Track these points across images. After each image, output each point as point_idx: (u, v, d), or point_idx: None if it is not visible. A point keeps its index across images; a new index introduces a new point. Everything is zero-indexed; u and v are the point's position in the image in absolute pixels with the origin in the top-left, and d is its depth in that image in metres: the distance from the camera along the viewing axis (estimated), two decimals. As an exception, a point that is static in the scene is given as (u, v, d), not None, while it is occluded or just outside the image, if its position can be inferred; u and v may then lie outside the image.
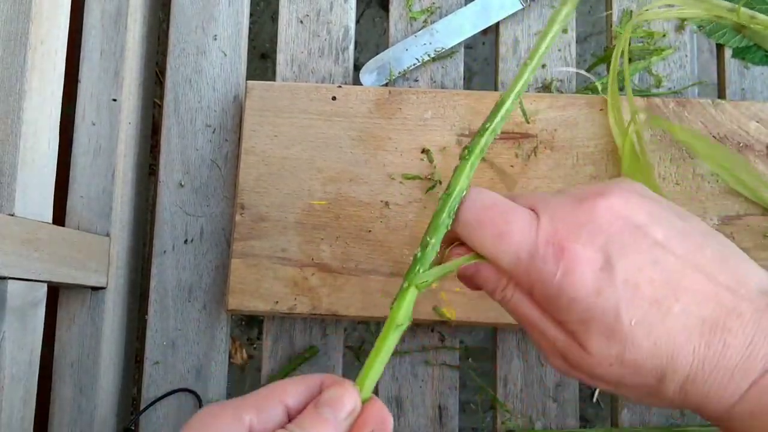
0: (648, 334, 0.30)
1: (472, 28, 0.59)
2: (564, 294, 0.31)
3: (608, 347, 0.31)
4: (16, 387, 0.46)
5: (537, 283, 0.32)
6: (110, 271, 0.57)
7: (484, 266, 0.35)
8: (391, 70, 0.59)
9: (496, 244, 0.33)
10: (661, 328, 0.30)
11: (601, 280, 0.30)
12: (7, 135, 0.47)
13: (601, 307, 0.30)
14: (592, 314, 0.30)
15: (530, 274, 0.32)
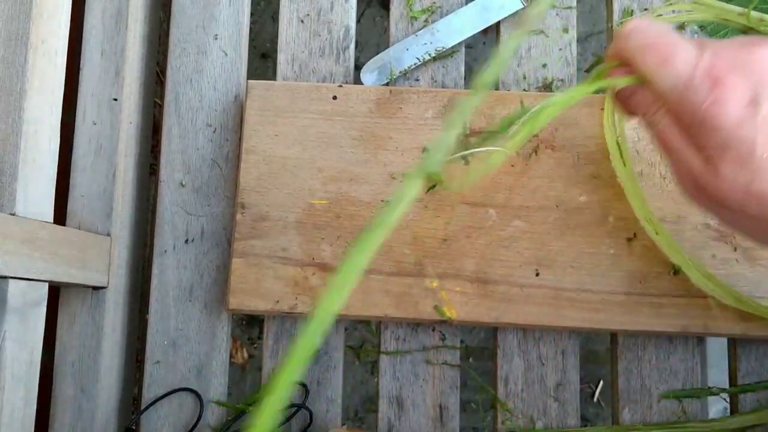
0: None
1: (473, 28, 0.59)
2: (708, 121, 0.34)
3: (739, 174, 0.34)
4: (17, 386, 0.46)
5: (687, 108, 0.35)
6: (111, 271, 0.57)
7: (641, 89, 0.38)
8: (391, 69, 0.59)
9: (660, 68, 0.36)
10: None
11: (745, 113, 0.33)
12: (8, 134, 0.47)
13: (739, 137, 0.33)
14: (730, 143, 0.34)
15: (684, 98, 0.35)
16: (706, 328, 0.52)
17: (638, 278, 0.53)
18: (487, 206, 0.54)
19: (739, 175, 0.34)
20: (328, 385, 0.56)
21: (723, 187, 0.35)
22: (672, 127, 0.37)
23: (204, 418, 0.55)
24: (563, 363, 0.55)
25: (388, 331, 0.56)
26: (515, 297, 0.53)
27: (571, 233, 0.53)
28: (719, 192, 0.35)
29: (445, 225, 0.54)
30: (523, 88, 0.59)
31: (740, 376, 0.55)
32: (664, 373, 0.55)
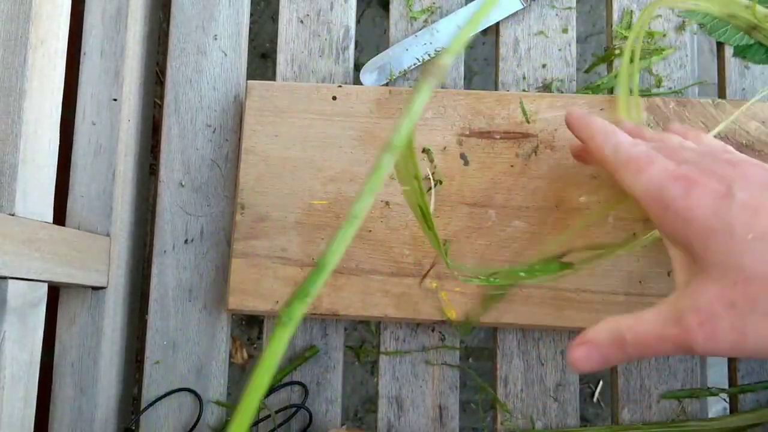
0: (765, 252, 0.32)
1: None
2: (680, 217, 0.34)
3: (729, 264, 0.32)
4: (16, 387, 0.46)
5: (656, 208, 0.36)
6: (111, 271, 0.57)
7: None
8: (391, 70, 0.59)
9: (636, 177, 0.38)
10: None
11: (721, 204, 0.33)
12: (8, 135, 0.47)
13: (716, 226, 0.33)
14: (708, 234, 0.33)
15: (650, 200, 0.36)
16: (705, 328, 0.52)
17: (638, 278, 0.53)
18: (487, 207, 0.54)
19: (727, 255, 0.33)
20: (328, 385, 0.56)
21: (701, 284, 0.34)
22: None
23: (204, 418, 0.55)
24: (563, 363, 0.55)
25: (388, 331, 0.56)
26: (515, 297, 0.53)
27: (571, 233, 0.53)
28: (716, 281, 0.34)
29: (445, 225, 0.54)
30: (522, 88, 0.59)
31: (740, 377, 0.55)
32: (664, 373, 0.55)
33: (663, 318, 0.34)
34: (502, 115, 0.55)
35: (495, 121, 0.55)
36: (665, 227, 0.36)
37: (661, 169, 0.37)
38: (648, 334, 0.35)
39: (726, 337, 0.32)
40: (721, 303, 0.32)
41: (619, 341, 0.36)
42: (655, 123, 0.55)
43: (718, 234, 0.33)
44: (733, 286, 0.32)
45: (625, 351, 0.36)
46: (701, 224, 0.33)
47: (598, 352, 0.37)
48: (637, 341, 0.35)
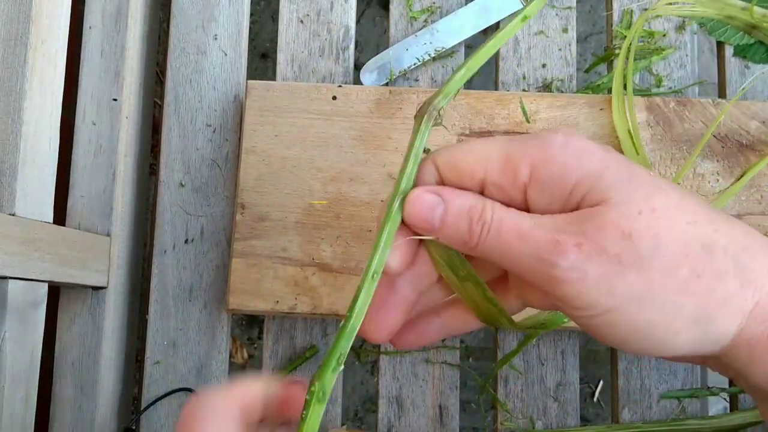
0: (672, 189, 0.28)
1: (473, 28, 0.59)
2: (571, 149, 0.27)
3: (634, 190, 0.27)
4: (16, 387, 0.46)
5: (538, 152, 0.28)
6: (111, 271, 0.57)
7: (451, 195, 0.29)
8: (391, 69, 0.59)
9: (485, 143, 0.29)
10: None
11: (608, 158, 0.28)
12: (8, 135, 0.47)
13: (615, 159, 0.28)
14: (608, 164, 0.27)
15: (528, 146, 0.28)
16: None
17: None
18: (487, 206, 0.54)
19: (633, 194, 0.27)
20: (328, 385, 0.56)
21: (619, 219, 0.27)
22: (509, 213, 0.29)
23: (204, 418, 0.55)
24: (563, 363, 0.55)
25: (388, 331, 0.56)
26: (515, 297, 0.53)
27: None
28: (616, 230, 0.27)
29: (445, 225, 0.54)
30: (522, 88, 0.59)
31: (740, 376, 0.55)
32: (664, 373, 0.55)
33: (536, 221, 0.28)
34: (502, 114, 0.55)
35: (495, 121, 0.55)
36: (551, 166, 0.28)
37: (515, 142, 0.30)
38: (511, 222, 0.28)
39: (599, 270, 0.26)
40: (614, 232, 0.26)
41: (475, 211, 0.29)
42: (655, 122, 0.55)
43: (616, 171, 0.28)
44: (636, 216, 0.26)
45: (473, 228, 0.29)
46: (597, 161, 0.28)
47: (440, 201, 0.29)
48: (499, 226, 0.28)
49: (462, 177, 0.29)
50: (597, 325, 0.28)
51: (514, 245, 0.28)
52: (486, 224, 0.28)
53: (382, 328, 0.32)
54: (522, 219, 0.28)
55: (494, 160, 0.29)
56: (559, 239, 0.27)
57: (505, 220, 0.28)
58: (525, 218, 0.28)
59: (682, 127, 0.55)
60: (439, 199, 0.29)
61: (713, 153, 0.54)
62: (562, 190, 0.28)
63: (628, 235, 0.26)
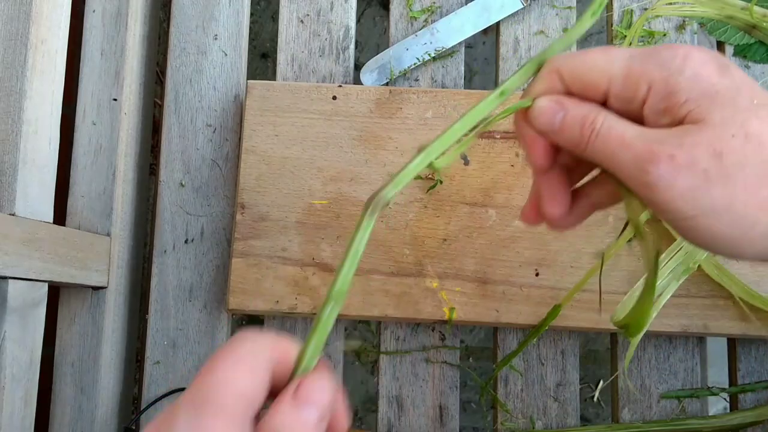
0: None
1: (473, 28, 0.59)
2: (686, 72, 0.30)
3: (733, 115, 0.29)
4: (17, 386, 0.46)
5: (656, 71, 0.31)
6: (111, 271, 0.57)
7: (571, 105, 0.33)
8: (391, 69, 0.59)
9: (609, 54, 0.32)
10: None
11: (722, 68, 0.30)
12: (8, 135, 0.47)
13: (725, 84, 0.30)
14: (717, 88, 0.30)
15: (648, 64, 0.31)
16: (705, 328, 0.52)
17: (638, 278, 0.53)
18: (487, 206, 0.54)
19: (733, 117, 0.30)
20: (328, 385, 0.56)
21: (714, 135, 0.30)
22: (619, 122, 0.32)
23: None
24: (563, 363, 0.55)
25: (388, 331, 0.56)
26: (515, 297, 0.53)
27: (571, 233, 0.53)
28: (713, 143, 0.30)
29: (445, 225, 0.54)
30: (523, 87, 0.59)
31: (740, 376, 0.55)
32: (664, 372, 0.55)
33: (640, 132, 0.31)
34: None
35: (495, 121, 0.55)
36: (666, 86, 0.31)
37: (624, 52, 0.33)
38: (617, 131, 0.31)
39: (687, 182, 0.29)
40: (706, 150, 0.29)
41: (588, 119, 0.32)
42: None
43: (723, 94, 0.30)
44: (729, 138, 0.29)
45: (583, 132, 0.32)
46: (707, 84, 0.30)
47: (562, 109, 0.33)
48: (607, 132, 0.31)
49: (586, 88, 0.33)
50: (683, 228, 0.31)
51: (617, 151, 0.31)
52: (595, 130, 0.32)
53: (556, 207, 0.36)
54: (628, 128, 0.31)
55: (617, 76, 0.31)
56: (655, 150, 0.30)
57: (613, 128, 0.31)
58: (631, 128, 0.31)
59: (682, 127, 0.55)
60: (560, 107, 0.33)
61: None
62: (673, 107, 0.30)
63: (719, 154, 0.29)
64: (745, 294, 0.52)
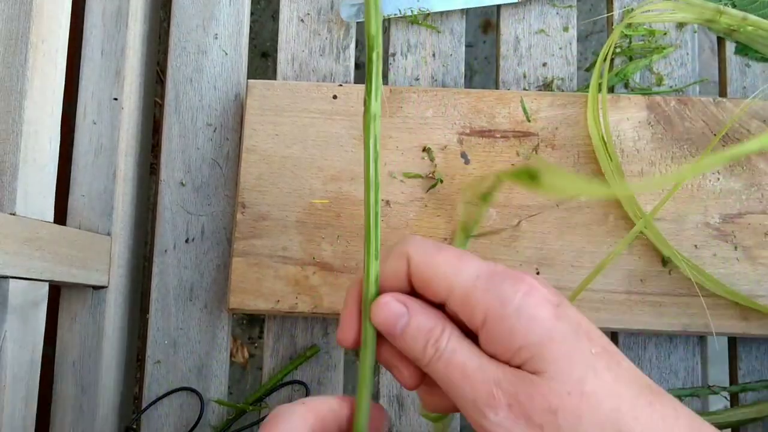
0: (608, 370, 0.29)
1: (464, 3, 0.59)
2: (523, 314, 0.29)
3: (570, 370, 0.29)
4: (17, 386, 0.46)
5: (494, 304, 0.30)
6: (111, 270, 0.57)
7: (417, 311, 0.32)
8: None
9: (457, 265, 0.31)
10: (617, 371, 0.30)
11: (559, 310, 0.30)
12: (8, 134, 0.47)
13: (561, 330, 0.29)
14: (553, 335, 0.29)
15: (487, 294, 0.30)
16: (706, 327, 0.52)
17: (639, 277, 0.53)
18: (488, 205, 0.54)
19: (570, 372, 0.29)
20: (329, 384, 0.56)
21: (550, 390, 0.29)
22: (463, 346, 0.31)
23: (204, 417, 0.55)
24: (564, 362, 0.55)
25: (389, 330, 0.56)
26: (516, 296, 0.53)
27: (572, 232, 0.53)
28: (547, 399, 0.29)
29: (446, 224, 0.54)
30: (523, 87, 0.59)
31: (741, 375, 0.55)
32: (665, 372, 0.55)
33: (480, 365, 0.30)
34: (502, 113, 0.55)
35: (496, 120, 0.55)
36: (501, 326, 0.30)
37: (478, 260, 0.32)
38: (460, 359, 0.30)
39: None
40: (542, 404, 0.28)
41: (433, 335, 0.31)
42: (656, 121, 0.55)
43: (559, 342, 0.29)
44: (565, 395, 0.28)
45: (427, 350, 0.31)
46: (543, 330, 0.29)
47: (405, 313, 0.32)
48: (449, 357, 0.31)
49: (427, 291, 0.32)
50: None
51: (457, 381, 0.30)
52: (438, 351, 0.31)
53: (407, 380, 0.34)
54: (470, 358, 0.30)
55: (457, 294, 0.31)
56: (495, 394, 0.29)
57: (456, 355, 0.31)
58: (473, 357, 0.30)
59: (682, 125, 0.55)
60: (405, 311, 0.32)
61: (714, 152, 0.54)
62: (508, 349, 0.30)
63: (554, 411, 0.29)
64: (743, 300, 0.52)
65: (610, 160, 0.53)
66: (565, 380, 0.29)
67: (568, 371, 0.29)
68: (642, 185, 0.53)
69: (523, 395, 0.29)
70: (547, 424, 0.29)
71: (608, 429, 0.28)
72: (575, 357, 0.29)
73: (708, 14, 0.56)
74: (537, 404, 0.29)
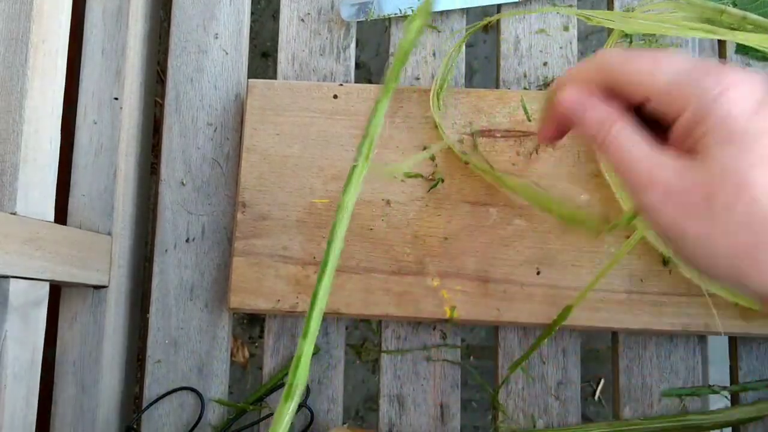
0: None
1: (464, 2, 0.59)
2: (720, 109, 0.30)
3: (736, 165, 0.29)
4: (18, 386, 0.46)
5: (692, 98, 0.31)
6: (112, 270, 0.57)
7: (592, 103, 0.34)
8: (372, 10, 0.59)
9: (657, 62, 0.32)
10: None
11: (758, 108, 0.30)
12: (9, 134, 0.47)
13: (752, 128, 0.29)
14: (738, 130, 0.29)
15: (688, 87, 0.31)
16: (707, 326, 0.52)
17: (639, 277, 0.53)
18: (488, 205, 0.54)
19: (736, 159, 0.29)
20: (329, 384, 0.56)
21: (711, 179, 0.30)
22: (635, 136, 0.33)
23: (205, 416, 0.55)
24: (564, 361, 0.55)
25: (389, 329, 0.56)
26: (516, 295, 0.53)
27: (572, 232, 0.53)
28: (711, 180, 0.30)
29: (446, 223, 0.54)
30: (523, 86, 0.59)
31: (741, 375, 0.55)
32: (665, 371, 0.55)
33: (647, 153, 0.32)
34: (503, 113, 0.55)
35: (496, 119, 0.55)
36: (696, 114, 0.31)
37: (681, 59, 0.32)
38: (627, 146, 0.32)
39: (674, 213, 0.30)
40: (700, 189, 0.30)
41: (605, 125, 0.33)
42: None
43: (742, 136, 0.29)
44: (725, 184, 0.29)
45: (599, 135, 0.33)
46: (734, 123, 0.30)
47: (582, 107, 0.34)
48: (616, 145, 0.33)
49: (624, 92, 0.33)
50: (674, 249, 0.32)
51: (622, 165, 0.32)
52: (609, 137, 0.33)
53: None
54: (637, 146, 0.32)
55: (658, 90, 0.32)
56: (655, 175, 0.31)
57: (624, 142, 0.32)
58: (641, 146, 0.32)
59: (683, 125, 0.55)
60: (581, 105, 0.34)
61: None
62: (694, 135, 0.31)
63: (710, 196, 0.29)
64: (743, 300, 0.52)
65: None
66: (731, 170, 0.29)
67: (736, 161, 0.29)
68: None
69: (686, 178, 0.30)
70: (700, 208, 0.29)
71: (758, 224, 0.29)
72: (754, 151, 0.29)
73: (708, 13, 0.56)
74: (695, 188, 0.30)
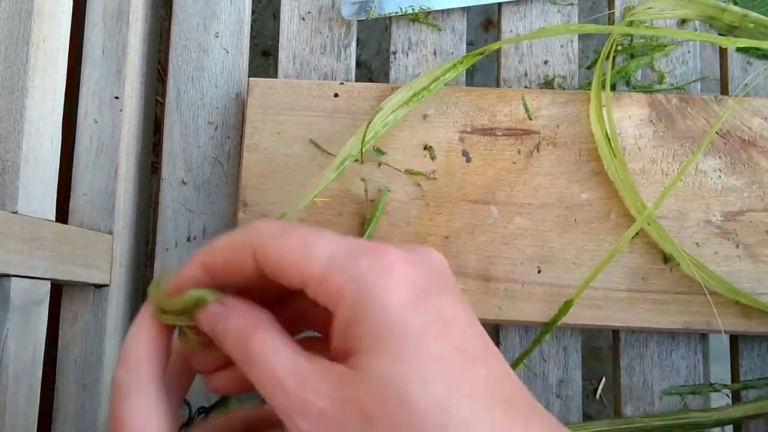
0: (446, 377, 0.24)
1: (464, 1, 0.59)
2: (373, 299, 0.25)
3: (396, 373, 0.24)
4: (19, 385, 0.46)
5: (347, 287, 0.25)
6: (113, 269, 0.57)
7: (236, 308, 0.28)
8: (372, 9, 0.58)
9: (306, 248, 0.26)
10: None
11: (421, 296, 0.25)
12: (10, 133, 0.47)
13: (410, 323, 0.24)
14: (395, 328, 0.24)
15: (342, 274, 0.25)
16: (708, 324, 0.52)
17: (640, 275, 0.53)
18: (489, 203, 0.54)
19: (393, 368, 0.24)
20: (331, 382, 0.56)
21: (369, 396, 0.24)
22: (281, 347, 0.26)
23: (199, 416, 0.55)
24: (565, 360, 0.55)
25: (390, 328, 0.56)
26: (517, 294, 0.53)
27: (573, 230, 0.53)
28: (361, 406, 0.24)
29: (447, 222, 0.54)
30: (524, 85, 0.59)
31: (742, 373, 0.55)
32: (667, 369, 0.55)
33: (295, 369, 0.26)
34: (504, 111, 0.55)
35: (497, 118, 0.55)
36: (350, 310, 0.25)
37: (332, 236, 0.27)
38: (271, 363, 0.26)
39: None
40: (357, 411, 0.24)
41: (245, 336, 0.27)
42: (658, 119, 0.55)
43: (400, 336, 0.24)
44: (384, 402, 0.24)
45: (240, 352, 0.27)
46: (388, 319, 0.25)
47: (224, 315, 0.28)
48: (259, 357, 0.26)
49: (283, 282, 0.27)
50: None
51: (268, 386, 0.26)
52: (249, 353, 0.27)
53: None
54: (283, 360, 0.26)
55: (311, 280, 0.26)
56: (307, 399, 0.25)
57: (268, 357, 0.26)
58: (287, 360, 0.26)
59: (684, 123, 0.55)
60: (223, 313, 0.28)
61: (715, 149, 0.54)
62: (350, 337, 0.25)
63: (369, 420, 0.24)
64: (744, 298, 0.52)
65: (614, 157, 0.53)
66: (389, 384, 0.24)
67: (393, 372, 0.24)
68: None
69: (338, 399, 0.24)
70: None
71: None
72: (410, 357, 0.24)
73: (709, 11, 0.56)
74: (352, 410, 0.24)
